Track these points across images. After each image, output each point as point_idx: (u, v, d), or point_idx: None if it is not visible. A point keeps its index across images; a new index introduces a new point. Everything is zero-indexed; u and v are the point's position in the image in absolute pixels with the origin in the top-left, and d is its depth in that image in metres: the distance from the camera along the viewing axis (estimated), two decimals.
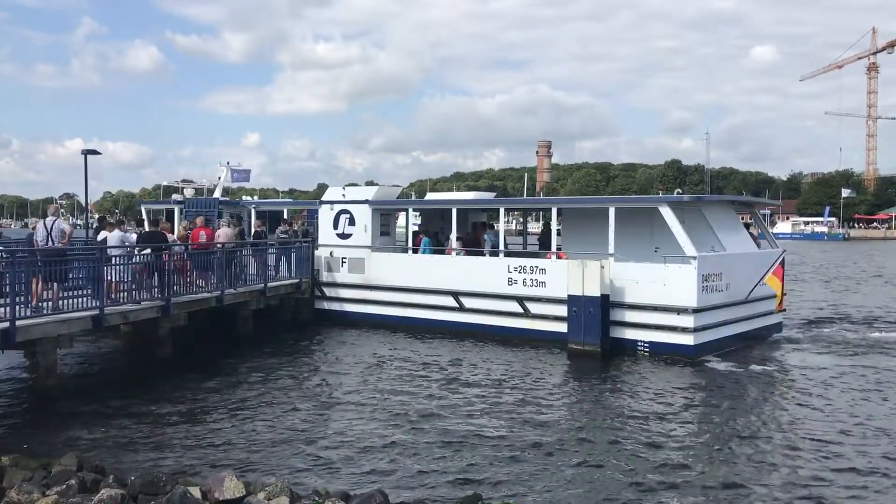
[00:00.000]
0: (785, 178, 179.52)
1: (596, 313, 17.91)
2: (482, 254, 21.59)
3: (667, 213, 18.12)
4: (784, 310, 21.13)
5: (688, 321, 17.37)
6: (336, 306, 23.57)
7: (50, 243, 15.25)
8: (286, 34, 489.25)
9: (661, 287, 17.71)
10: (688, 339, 17.40)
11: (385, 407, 13.36)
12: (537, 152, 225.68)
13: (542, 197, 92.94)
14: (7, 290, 13.15)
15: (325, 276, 23.75)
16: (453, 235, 22.00)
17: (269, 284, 21.61)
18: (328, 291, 23.69)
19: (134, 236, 17.26)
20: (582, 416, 12.95)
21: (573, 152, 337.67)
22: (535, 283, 19.81)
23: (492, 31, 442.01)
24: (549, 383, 15.45)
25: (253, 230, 24.25)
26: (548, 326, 19.37)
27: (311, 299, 23.69)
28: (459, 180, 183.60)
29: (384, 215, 23.97)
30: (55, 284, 14.46)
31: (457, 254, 21.78)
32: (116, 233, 17.23)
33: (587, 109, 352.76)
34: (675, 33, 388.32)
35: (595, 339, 17.92)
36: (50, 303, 14.31)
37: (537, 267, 19.88)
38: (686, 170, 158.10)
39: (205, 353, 18.20)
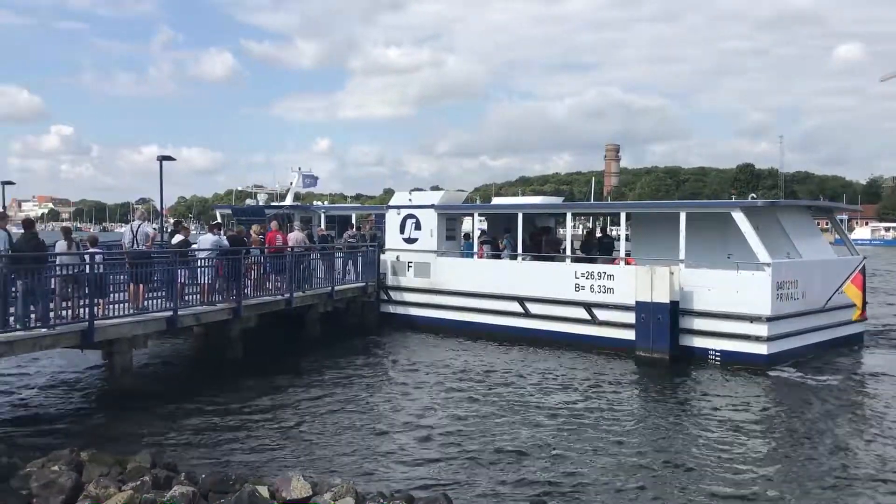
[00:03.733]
0: (864, 183, 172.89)
1: (665, 320, 17.56)
2: (550, 259, 21.40)
3: (740, 218, 17.65)
4: (865, 319, 20.32)
5: (761, 330, 16.87)
6: (401, 310, 23.68)
7: (135, 246, 15.84)
8: (357, 40, 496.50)
9: (734, 294, 17.23)
10: (761, 349, 16.89)
11: (449, 412, 13.35)
12: (605, 156, 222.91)
13: (609, 201, 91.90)
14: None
15: (390, 280, 23.89)
16: (519, 241, 21.87)
17: (336, 288, 21.86)
18: (394, 295, 23.83)
19: (226, 241, 17.68)
20: (651, 425, 12.68)
21: (643, 156, 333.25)
22: (602, 289, 19.53)
23: (559, 34, 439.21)
24: (617, 392, 15.20)
25: (321, 234, 24.59)
26: (615, 333, 19.07)
27: (377, 303, 23.84)
28: (525, 184, 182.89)
29: (450, 220, 24.01)
30: (141, 286, 14.97)
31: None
32: (209, 236, 17.69)
33: (658, 112, 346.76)
34: (748, 34, 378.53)
35: (664, 346, 17.56)
36: (132, 303, 14.81)
37: (605, 273, 19.60)
38: (759, 174, 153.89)
39: (273, 355, 18.50)
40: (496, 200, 28.86)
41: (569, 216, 22.60)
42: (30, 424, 12.59)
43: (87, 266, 14.00)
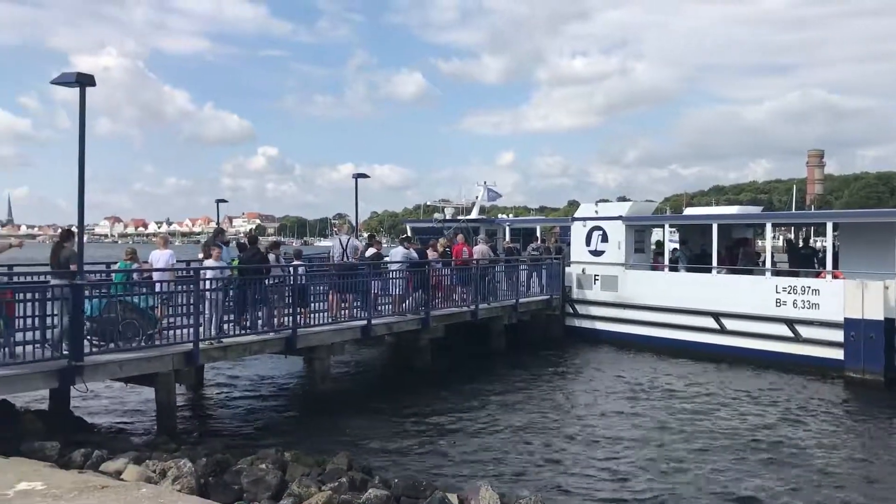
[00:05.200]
0: None
1: (878, 339, 16.08)
2: (748, 272, 20.24)
3: None
4: None
5: None
6: (587, 324, 23.30)
7: (345, 259, 16.83)
8: (543, 52, 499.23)
9: None
10: None
11: (637, 430, 12.93)
12: (808, 162, 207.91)
13: (813, 210, 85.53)
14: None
15: (576, 294, 23.60)
16: (714, 253, 20.86)
17: (521, 300, 21.90)
18: (579, 309, 23.50)
19: (415, 254, 18.36)
20: (862, 460, 11.58)
21: (851, 161, 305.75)
22: (806, 304, 18.19)
23: (754, 36, 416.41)
24: (823, 418, 14.06)
25: (506, 247, 24.77)
26: (821, 352, 17.68)
27: (562, 316, 23.62)
28: (719, 194, 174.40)
29: (638, 231, 23.36)
30: (349, 296, 15.82)
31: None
32: (400, 249, 18.44)
33: (868, 114, 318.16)
34: None
35: (877, 367, 16.08)
36: (346, 311, 15.85)
37: (810, 287, 18.25)
38: None
39: (460, 365, 18.83)
40: (688, 211, 27.69)
41: (768, 227, 21.28)
42: (240, 423, 13.60)
43: (292, 278, 14.95)
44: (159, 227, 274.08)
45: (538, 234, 26.83)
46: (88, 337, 11.48)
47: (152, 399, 12.49)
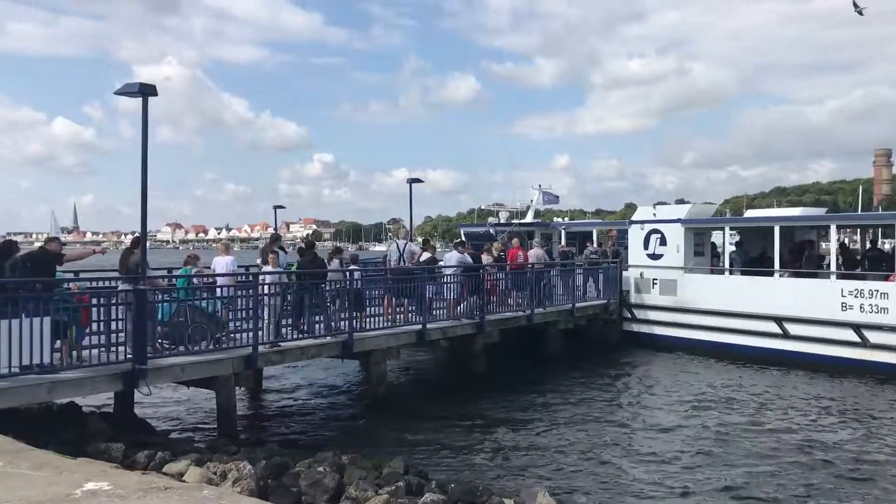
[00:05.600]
0: None
1: None
2: (813, 275, 19.68)
3: None
4: None
5: None
6: (645, 329, 22.95)
7: (402, 263, 16.93)
8: (598, 54, 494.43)
9: None
10: None
11: (696, 438, 12.66)
12: (874, 162, 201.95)
13: (881, 212, 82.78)
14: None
15: (634, 298, 23.26)
16: (776, 256, 20.35)
17: (577, 305, 21.69)
18: (637, 313, 23.16)
19: (470, 259, 18.37)
20: None
21: None
22: (875, 308, 17.60)
23: (814, 33, 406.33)
24: None
25: (561, 251, 24.59)
26: (890, 358, 17.09)
27: (620, 321, 23.30)
28: (781, 195, 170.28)
29: (698, 234, 22.92)
30: (405, 300, 15.91)
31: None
32: (454, 253, 18.47)
33: None
34: None
35: None
36: (401, 315, 15.95)
37: (878, 291, 17.65)
38: None
39: (516, 370, 18.72)
40: (749, 213, 27.08)
41: (833, 229, 20.67)
42: (297, 426, 13.76)
43: (349, 282, 15.07)
44: (219, 233, 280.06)
45: (594, 237, 26.55)
46: (160, 340, 11.80)
47: (213, 402, 12.72)
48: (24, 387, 9.69)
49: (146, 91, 10.96)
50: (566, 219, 33.81)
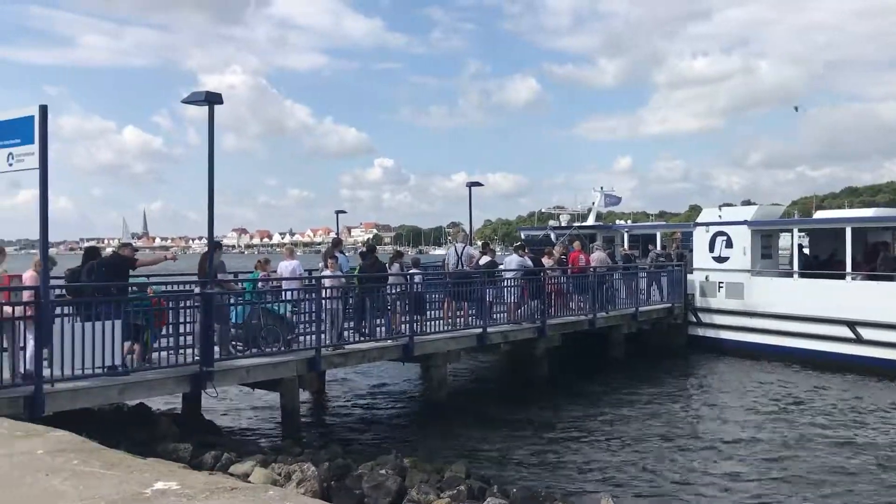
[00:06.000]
0: None
1: None
2: (888, 278, 18.97)
3: None
4: None
5: None
6: (710, 333, 22.46)
7: (460, 267, 16.95)
8: (661, 54, 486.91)
9: None
10: None
11: (766, 447, 12.27)
12: None
13: None
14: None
15: (699, 302, 22.79)
16: (848, 259, 19.67)
17: (641, 309, 21.38)
18: (703, 317, 22.69)
19: (530, 262, 18.28)
20: None
21: None
22: None
23: (888, 28, 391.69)
24: None
25: (624, 254, 24.27)
26: None
27: (684, 325, 22.88)
28: (852, 196, 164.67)
29: (765, 236, 22.34)
30: (465, 303, 15.91)
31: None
32: (514, 257, 18.40)
33: None
34: None
35: None
36: (461, 319, 16.00)
37: None
38: None
39: (578, 375, 18.53)
40: (819, 214, 26.26)
41: None
42: (359, 428, 13.87)
43: (409, 286, 15.14)
44: (283, 238, 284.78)
45: (658, 240, 26.13)
46: (233, 342, 12.09)
47: (277, 403, 12.92)
48: (97, 388, 9.99)
49: (212, 99, 11.20)
50: (629, 221, 33.30)
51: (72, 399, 9.70)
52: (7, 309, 9.53)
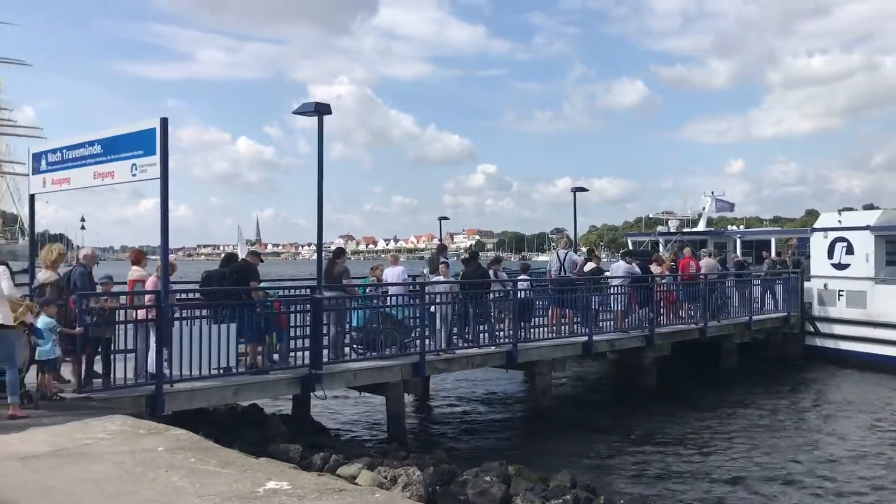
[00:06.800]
0: None
1: None
2: None
3: None
4: None
5: None
6: (830, 343, 21.36)
7: (562, 273, 16.80)
8: (776, 52, 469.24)
9: None
10: None
11: (881, 471, 11.49)
12: None
13: None
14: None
15: (817, 311, 21.72)
16: None
17: (754, 318, 20.58)
18: (821, 327, 21.60)
19: (638, 269, 17.91)
20: None
21: None
22: None
23: None
24: None
25: (736, 260, 23.43)
26: None
27: (801, 335, 21.87)
28: None
29: (890, 242, 21.07)
30: (569, 311, 15.77)
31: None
32: (622, 264, 18.08)
33: None
34: None
35: None
36: (566, 327, 15.78)
37: None
38: None
39: (687, 385, 17.96)
40: None
41: None
42: (463, 434, 13.89)
43: (513, 292, 15.07)
44: (387, 244, 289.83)
45: (773, 246, 25.09)
46: (353, 345, 12.53)
47: (382, 407, 13.09)
48: (213, 388, 10.38)
49: (321, 110, 11.48)
50: (741, 227, 32.11)
51: (189, 399, 10.11)
52: (132, 312, 10.07)
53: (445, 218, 26.33)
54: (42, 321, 9.03)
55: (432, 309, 13.50)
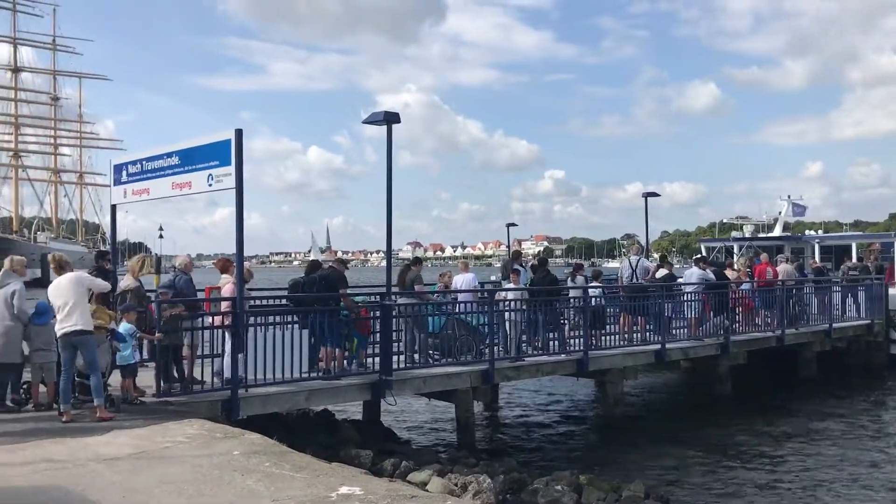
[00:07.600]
0: None
1: None
2: None
3: None
4: None
5: None
6: None
7: (635, 280, 16.57)
8: (856, 50, 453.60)
9: None
10: None
11: None
12: None
13: None
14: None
15: None
16: None
17: (835, 325, 19.84)
18: None
19: (712, 275, 17.51)
20: None
21: None
22: None
23: None
24: None
25: (814, 266, 22.66)
26: None
27: (886, 343, 20.95)
28: None
29: None
30: (640, 318, 15.54)
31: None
32: (695, 270, 17.73)
33: None
34: None
35: None
36: (637, 334, 15.62)
37: None
38: None
39: (764, 395, 17.43)
40: None
41: None
42: (532, 442, 13.78)
43: (587, 300, 14.90)
44: (454, 251, 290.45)
45: (854, 251, 24.18)
46: (430, 351, 12.68)
47: (452, 414, 13.10)
48: (286, 393, 10.57)
49: (390, 119, 11.58)
50: (820, 231, 31.07)
51: (263, 404, 10.32)
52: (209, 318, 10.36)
53: (514, 224, 26.21)
54: (123, 327, 9.36)
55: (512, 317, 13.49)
